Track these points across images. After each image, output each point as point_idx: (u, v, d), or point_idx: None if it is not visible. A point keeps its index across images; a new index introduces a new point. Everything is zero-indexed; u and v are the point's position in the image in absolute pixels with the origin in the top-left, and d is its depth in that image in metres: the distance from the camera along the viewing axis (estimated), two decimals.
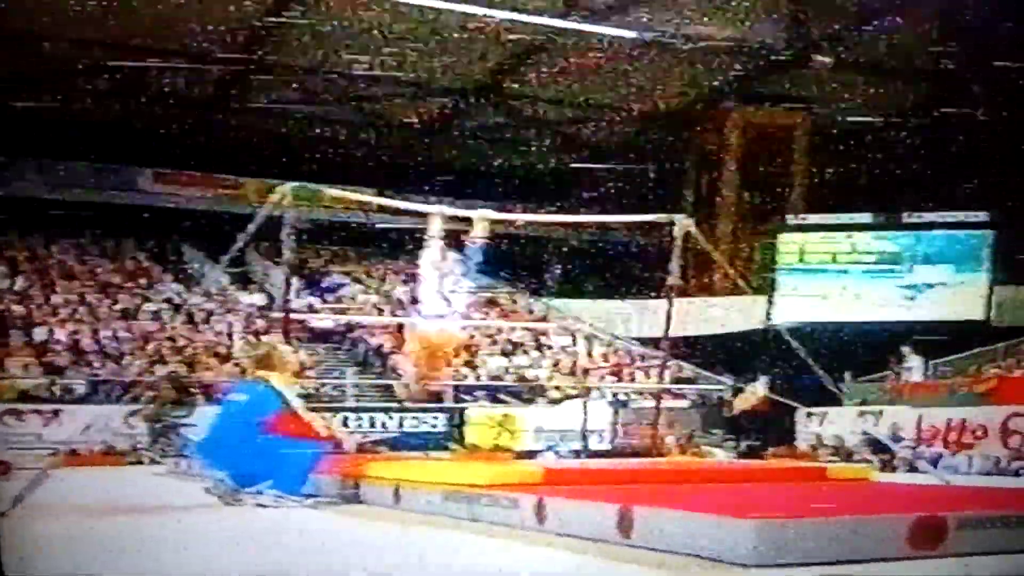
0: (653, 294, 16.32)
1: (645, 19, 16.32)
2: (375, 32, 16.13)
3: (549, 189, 20.77)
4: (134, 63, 16.85)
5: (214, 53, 16.93)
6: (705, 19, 16.30)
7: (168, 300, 16.79)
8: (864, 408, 12.59)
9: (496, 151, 20.97)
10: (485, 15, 15.72)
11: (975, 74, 16.55)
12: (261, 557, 4.14)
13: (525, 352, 17.27)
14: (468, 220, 7.54)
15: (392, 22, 15.96)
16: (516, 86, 18.94)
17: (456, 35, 16.43)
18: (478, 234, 7.40)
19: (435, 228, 7.41)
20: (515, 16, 15.90)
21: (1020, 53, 13.94)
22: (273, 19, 15.88)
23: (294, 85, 18.34)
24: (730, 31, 16.69)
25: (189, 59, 16.92)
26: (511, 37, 16.82)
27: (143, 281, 17.66)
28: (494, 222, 7.75)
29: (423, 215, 7.58)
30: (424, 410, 14.11)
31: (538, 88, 18.96)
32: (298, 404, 6.11)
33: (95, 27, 15.40)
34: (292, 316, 9.19)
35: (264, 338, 6.59)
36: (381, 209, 15.50)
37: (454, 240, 7.49)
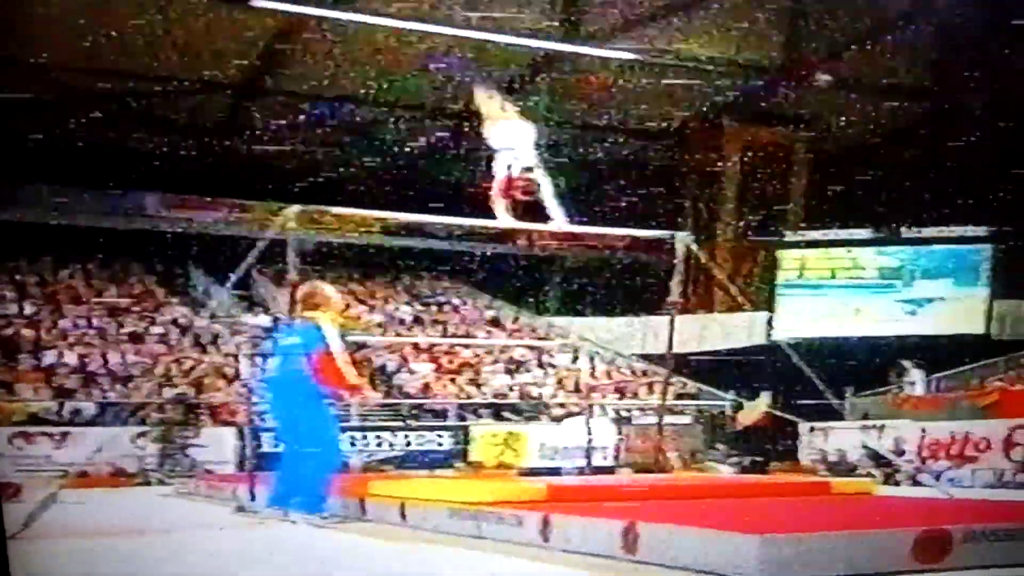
0: (655, 311, 16.38)
1: (645, 40, 16.47)
2: (379, 57, 16.30)
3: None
4: (142, 89, 17.04)
5: (221, 79, 17.10)
6: (704, 38, 16.45)
7: (175, 322, 16.88)
8: (867, 422, 12.59)
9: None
10: (487, 39, 15.87)
11: (973, 90, 16.67)
12: (269, 574, 4.18)
13: (528, 370, 17.31)
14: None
15: (394, 47, 16.13)
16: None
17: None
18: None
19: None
20: (516, 40, 16.06)
21: (1017, 68, 14.07)
22: (279, 45, 16.05)
23: (300, 110, 18.50)
24: (730, 50, 16.84)
25: (196, 85, 17.08)
26: (513, 60, 16.97)
27: (150, 304, 17.75)
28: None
29: (430, 236, 7.61)
30: (429, 428, 14.14)
31: (539, 110, 19.08)
32: (337, 348, 6.12)
33: (103, 54, 15.58)
34: None
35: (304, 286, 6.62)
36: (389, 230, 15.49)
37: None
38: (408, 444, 13.49)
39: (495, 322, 19.53)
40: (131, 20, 14.60)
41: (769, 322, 17.95)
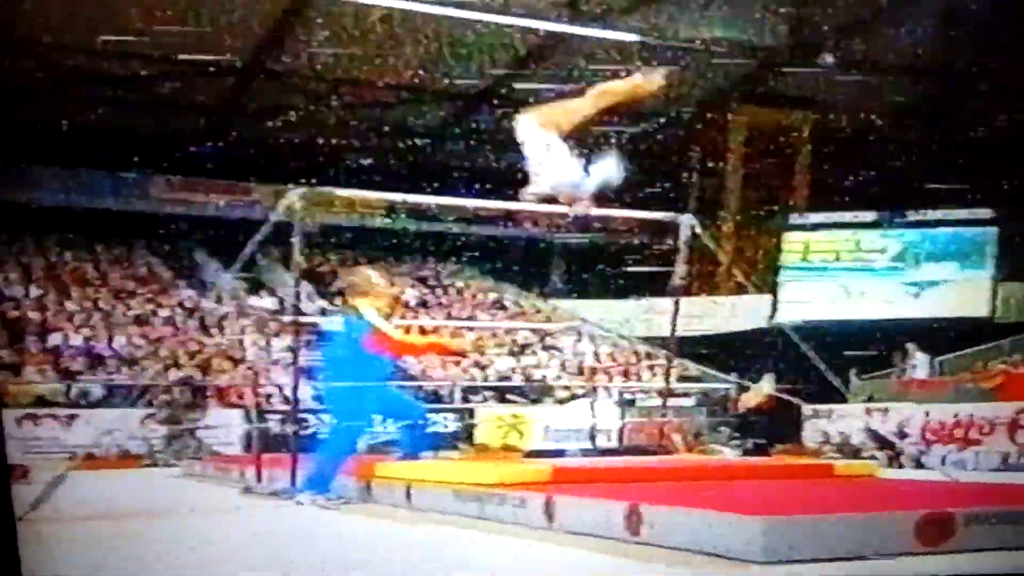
0: (659, 294, 16.36)
1: (649, 21, 16.37)
2: (383, 38, 16.22)
3: None
4: (148, 70, 16.98)
5: (226, 61, 17.04)
6: (708, 20, 16.35)
7: (181, 305, 16.92)
8: (870, 405, 12.62)
9: (501, 154, 20.99)
10: (490, 20, 15.79)
11: (979, 71, 16.56)
12: (275, 557, 4.21)
13: (533, 352, 17.35)
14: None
15: (400, 28, 16.06)
16: (522, 89, 19.00)
17: (461, 40, 16.51)
18: None
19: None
20: (519, 21, 15.97)
21: (1016, 52, 13.97)
22: (286, 25, 15.97)
23: (305, 91, 18.44)
24: (733, 32, 16.74)
25: (201, 67, 17.02)
26: (516, 41, 16.89)
27: (156, 287, 17.80)
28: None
29: (436, 219, 7.55)
30: (434, 411, 14.19)
31: (543, 91, 18.99)
32: (385, 326, 6.21)
33: (108, 35, 15.51)
34: (303, 319, 9.25)
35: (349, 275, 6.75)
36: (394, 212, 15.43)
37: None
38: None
39: (500, 305, 19.55)
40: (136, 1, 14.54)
41: (773, 305, 17.94)
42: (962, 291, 17.43)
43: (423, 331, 6.66)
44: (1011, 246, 16.95)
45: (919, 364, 15.22)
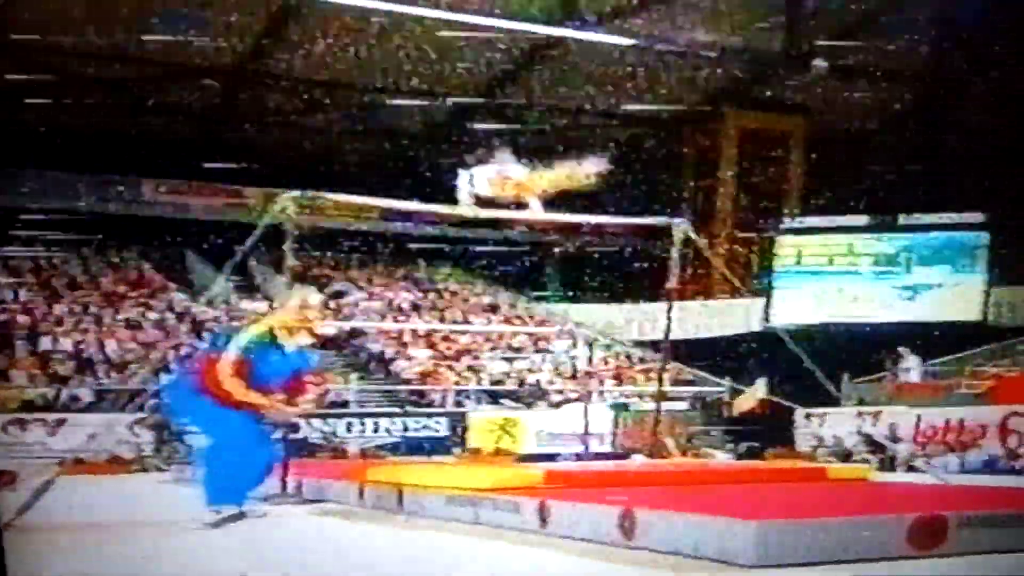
0: (652, 298, 16.37)
1: (643, 26, 16.40)
2: (376, 42, 16.21)
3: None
4: (138, 74, 16.93)
5: (218, 64, 17.00)
6: (702, 25, 16.38)
7: (172, 309, 16.84)
8: (862, 409, 12.63)
9: (495, 157, 20.97)
10: (485, 24, 15.79)
11: (970, 77, 16.64)
12: (266, 563, 4.18)
13: (526, 357, 17.33)
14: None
15: (393, 32, 16.05)
16: (516, 93, 19.02)
17: (456, 43, 16.50)
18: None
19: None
20: (514, 25, 15.98)
21: (1015, 55, 14.03)
22: (277, 30, 15.95)
23: (296, 94, 18.41)
24: (727, 37, 16.77)
25: (193, 70, 16.99)
26: (511, 45, 16.90)
27: (147, 290, 17.72)
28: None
29: (428, 222, 7.55)
30: (427, 415, 14.16)
31: (537, 94, 19.03)
32: (229, 353, 5.41)
33: (100, 39, 15.47)
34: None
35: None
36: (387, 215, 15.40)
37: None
38: (405, 430, 13.51)
39: (493, 309, 19.54)
40: (128, 4, 14.50)
41: (766, 308, 17.96)
42: (954, 295, 17.48)
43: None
44: (1003, 250, 17.00)
45: (911, 368, 15.24)
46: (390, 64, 16.95)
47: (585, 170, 7.02)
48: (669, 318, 8.74)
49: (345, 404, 14.38)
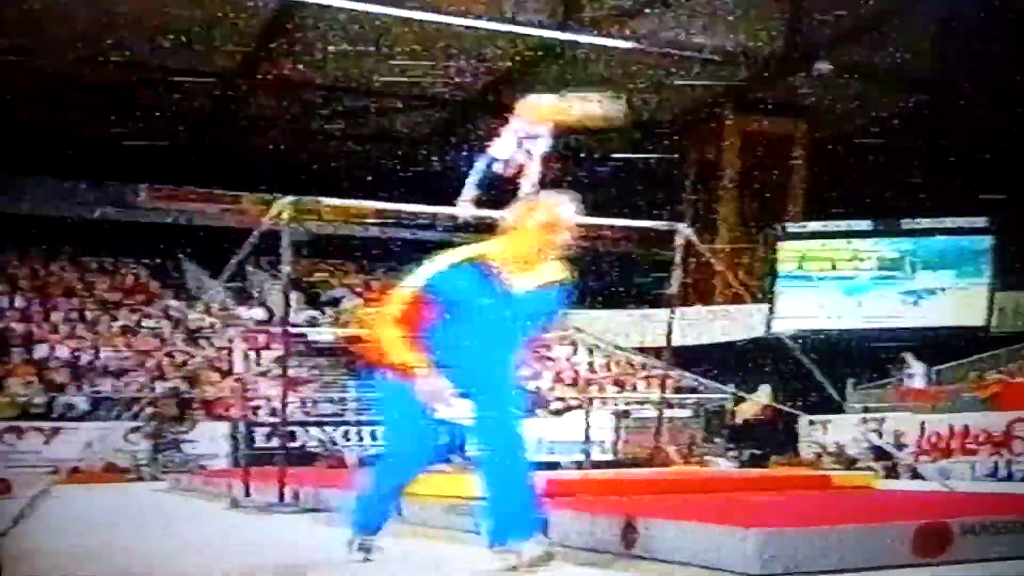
0: (654, 303, 16.30)
1: (643, 29, 16.38)
2: (372, 45, 16.19)
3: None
4: (132, 79, 16.91)
5: (212, 68, 16.99)
6: (703, 28, 16.35)
7: (168, 316, 16.79)
8: (867, 415, 12.55)
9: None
10: (484, 27, 15.77)
11: (975, 79, 16.58)
12: (263, 571, 4.12)
13: (526, 364, 17.25)
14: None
15: (389, 35, 16.02)
16: (515, 96, 18.97)
17: (454, 47, 16.48)
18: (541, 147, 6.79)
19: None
20: (514, 28, 15.96)
21: (1018, 58, 13.98)
22: (273, 33, 15.93)
23: (293, 99, 18.39)
24: (728, 39, 16.75)
25: (187, 74, 16.97)
26: (510, 49, 16.88)
27: (142, 297, 17.67)
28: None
29: (426, 227, 7.47)
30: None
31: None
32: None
33: (93, 43, 15.46)
34: (292, 330, 9.16)
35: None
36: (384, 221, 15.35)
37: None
38: None
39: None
40: (121, 8, 14.48)
41: (769, 314, 17.88)
42: (958, 300, 17.40)
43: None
44: (1007, 255, 16.93)
45: (915, 374, 15.16)
46: (387, 67, 16.91)
47: (605, 110, 6.71)
48: (671, 324, 8.68)
49: (342, 412, 14.32)
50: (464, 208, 6.92)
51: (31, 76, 16.06)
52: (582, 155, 19.09)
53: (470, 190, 6.84)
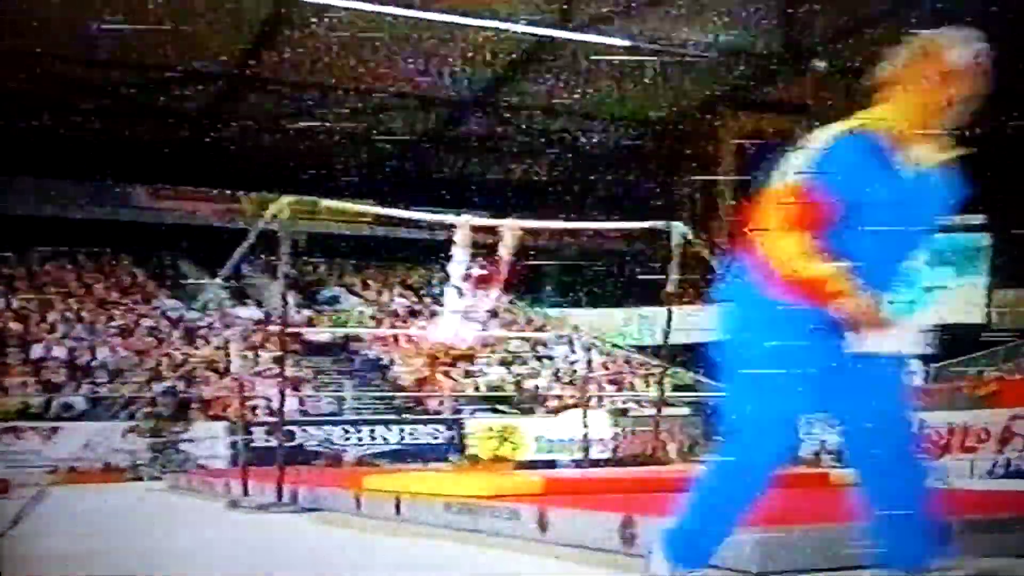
0: (652, 302, 16.31)
1: (640, 28, 16.38)
2: (370, 45, 16.18)
3: (546, 198, 20.80)
4: (130, 79, 16.89)
5: (210, 68, 16.98)
6: (700, 27, 16.36)
7: (165, 315, 16.78)
8: None
9: (493, 161, 21.00)
10: (481, 26, 15.77)
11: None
12: (262, 570, 4.12)
13: (524, 362, 17.27)
14: (494, 230, 7.35)
15: (387, 34, 16.02)
16: (513, 96, 19.00)
17: (452, 46, 16.48)
18: (509, 245, 7.13)
19: (461, 238, 7.10)
20: (511, 27, 15.96)
21: (1015, 55, 13.97)
22: (271, 33, 15.92)
23: (290, 99, 18.38)
24: (725, 38, 16.76)
25: (185, 75, 16.97)
26: (507, 47, 16.88)
27: (140, 297, 17.66)
28: (525, 232, 7.49)
29: (423, 227, 7.48)
30: (424, 422, 14.09)
31: (534, 98, 19.01)
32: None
33: (91, 44, 15.45)
34: (289, 329, 9.16)
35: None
36: (381, 220, 15.38)
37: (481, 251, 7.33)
38: (402, 438, 13.45)
39: (491, 314, 19.47)
40: (120, 8, 14.46)
41: None
42: (957, 298, 17.42)
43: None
44: (1006, 252, 16.94)
45: (914, 371, 15.14)
46: (384, 68, 16.92)
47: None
48: (668, 322, 8.68)
49: (340, 411, 14.33)
50: (463, 221, 6.98)
51: (29, 78, 16.04)
52: (581, 153, 19.14)
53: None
